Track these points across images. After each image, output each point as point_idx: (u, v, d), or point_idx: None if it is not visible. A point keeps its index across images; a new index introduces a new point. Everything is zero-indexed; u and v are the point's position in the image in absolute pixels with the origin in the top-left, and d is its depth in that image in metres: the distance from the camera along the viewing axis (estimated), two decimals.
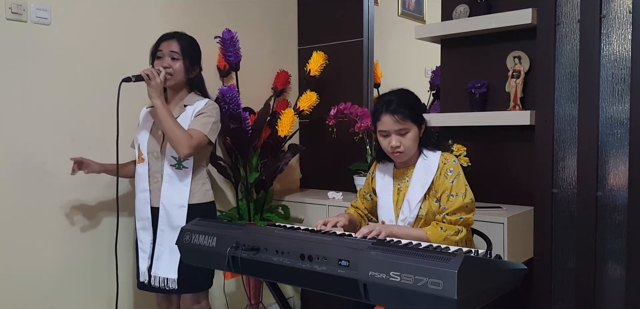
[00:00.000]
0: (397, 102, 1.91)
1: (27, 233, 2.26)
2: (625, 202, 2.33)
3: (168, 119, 2.12)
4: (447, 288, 1.27)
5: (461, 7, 2.68)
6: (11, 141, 2.20)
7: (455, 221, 1.89)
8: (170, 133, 2.12)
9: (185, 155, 2.14)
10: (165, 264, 2.21)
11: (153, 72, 2.12)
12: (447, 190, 1.91)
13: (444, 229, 1.88)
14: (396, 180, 2.05)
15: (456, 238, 1.88)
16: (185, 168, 2.22)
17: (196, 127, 2.17)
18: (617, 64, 2.33)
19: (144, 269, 2.27)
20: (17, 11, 2.17)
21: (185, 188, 2.22)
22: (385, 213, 2.04)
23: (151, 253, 2.26)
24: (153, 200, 2.25)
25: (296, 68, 3.42)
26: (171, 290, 2.23)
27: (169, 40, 2.22)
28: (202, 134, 2.18)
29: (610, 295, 2.40)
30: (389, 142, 1.94)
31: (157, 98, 2.12)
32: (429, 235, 1.87)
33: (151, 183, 2.25)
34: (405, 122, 1.91)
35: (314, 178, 3.44)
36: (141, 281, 2.29)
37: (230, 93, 2.53)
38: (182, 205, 2.21)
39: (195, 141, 2.15)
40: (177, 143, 2.11)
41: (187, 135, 2.13)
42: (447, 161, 1.95)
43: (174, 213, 2.20)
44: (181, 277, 2.21)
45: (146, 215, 2.25)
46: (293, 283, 2.47)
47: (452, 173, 1.92)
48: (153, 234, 2.25)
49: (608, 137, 2.37)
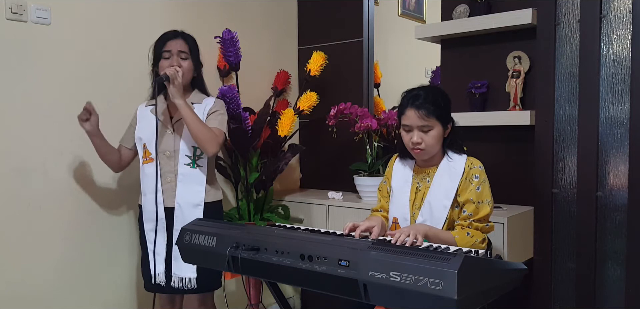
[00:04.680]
0: (423, 97, 1.88)
1: (27, 233, 2.26)
2: (625, 202, 2.33)
3: (194, 119, 2.12)
4: (447, 288, 1.27)
5: (461, 7, 2.68)
6: (11, 141, 2.20)
7: (482, 228, 1.88)
8: (199, 132, 2.12)
9: (213, 153, 2.17)
10: (185, 264, 2.17)
11: (175, 72, 2.12)
12: (473, 196, 1.88)
13: (471, 235, 1.86)
14: (416, 177, 2.01)
15: (483, 245, 1.87)
16: (200, 166, 2.23)
17: (216, 125, 2.20)
18: (617, 64, 2.33)
19: (159, 271, 2.23)
20: (17, 11, 2.17)
21: (200, 187, 2.23)
22: (399, 210, 2.00)
23: (166, 254, 2.23)
24: (166, 200, 2.23)
25: (296, 68, 3.42)
26: (191, 290, 2.22)
27: (175, 39, 2.22)
28: (223, 132, 2.22)
29: (610, 295, 2.40)
30: (410, 137, 1.91)
31: (180, 98, 2.12)
32: (457, 239, 1.84)
33: (164, 183, 2.23)
34: (429, 118, 1.87)
35: (314, 178, 3.44)
36: (156, 283, 2.25)
37: (230, 93, 2.53)
38: (198, 203, 2.22)
39: (221, 139, 2.20)
40: (207, 142, 2.13)
41: (213, 134, 2.16)
42: (473, 166, 1.92)
43: (190, 213, 2.19)
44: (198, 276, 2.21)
45: (160, 216, 2.21)
46: (293, 283, 2.47)
47: (478, 179, 1.90)
48: (167, 235, 2.23)
49: (608, 137, 2.37)
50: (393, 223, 2.03)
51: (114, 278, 2.55)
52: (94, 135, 2.21)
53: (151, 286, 2.28)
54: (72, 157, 2.38)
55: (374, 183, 2.70)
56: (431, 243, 1.70)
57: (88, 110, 2.17)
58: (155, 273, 2.24)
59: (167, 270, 2.24)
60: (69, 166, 2.37)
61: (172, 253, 2.22)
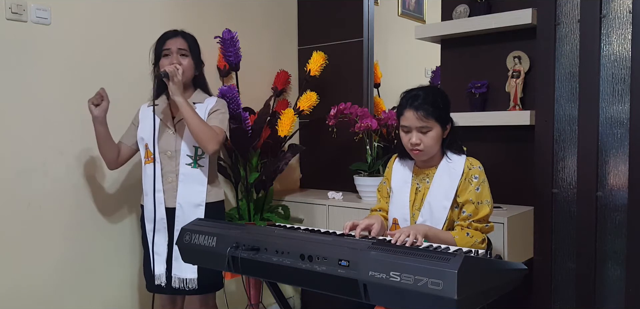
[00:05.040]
0: (422, 98, 1.87)
1: (27, 233, 2.26)
2: (625, 202, 2.33)
3: (194, 117, 2.11)
4: (447, 288, 1.27)
5: (461, 7, 2.68)
6: (11, 141, 2.20)
7: (482, 228, 1.88)
8: (199, 131, 2.11)
9: (213, 151, 2.15)
10: (185, 265, 2.17)
11: (174, 70, 2.11)
12: (472, 197, 1.88)
13: (471, 235, 1.86)
14: (415, 178, 2.01)
15: (483, 245, 1.87)
16: (201, 166, 2.22)
17: (217, 124, 2.19)
18: (617, 64, 2.33)
19: (160, 272, 2.23)
20: (17, 11, 2.17)
21: (201, 187, 2.22)
22: (399, 210, 2.00)
23: (167, 255, 2.23)
24: (167, 201, 2.22)
25: (296, 68, 3.42)
26: (192, 290, 2.22)
27: (174, 38, 2.22)
28: (223, 131, 2.20)
29: (610, 295, 2.40)
30: (409, 138, 1.91)
31: (180, 96, 2.11)
32: (457, 240, 1.84)
33: (165, 184, 2.23)
34: (428, 119, 1.86)
35: (314, 178, 3.44)
36: (157, 284, 2.25)
37: (230, 93, 2.53)
38: (200, 204, 2.21)
39: (221, 137, 2.17)
40: (207, 140, 2.11)
41: (213, 132, 2.14)
42: (472, 166, 1.92)
43: (192, 213, 2.19)
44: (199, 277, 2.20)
45: (160, 216, 2.21)
46: (293, 283, 2.47)
47: (477, 180, 1.90)
48: (168, 235, 2.23)
49: (608, 137, 2.37)
50: (393, 223, 2.03)
51: (114, 278, 2.55)
52: (100, 122, 2.19)
53: (153, 287, 2.27)
54: (72, 157, 2.38)
55: (374, 183, 2.70)
56: (431, 243, 1.70)
57: (101, 95, 2.17)
58: (155, 273, 2.24)
59: (168, 271, 2.24)
60: (69, 166, 2.37)
61: (173, 253, 2.21)
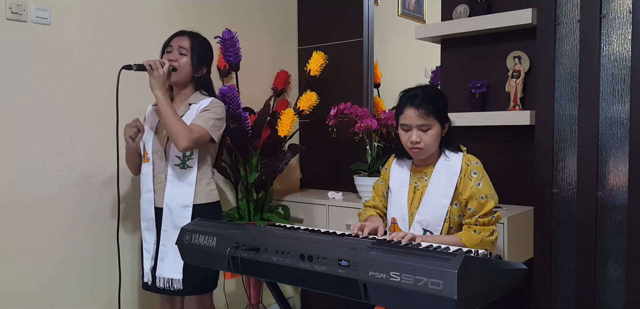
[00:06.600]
0: (422, 97, 1.89)
1: (27, 233, 2.26)
2: (625, 202, 2.33)
3: (168, 111, 2.08)
4: (447, 288, 1.27)
5: (461, 7, 2.68)
6: (11, 141, 2.20)
7: (488, 222, 1.88)
8: (170, 125, 2.07)
9: (183, 148, 2.09)
10: (170, 265, 2.19)
11: (156, 63, 2.09)
12: (475, 193, 1.88)
13: (479, 232, 1.86)
14: (413, 177, 2.02)
15: (492, 238, 1.87)
16: (190, 167, 2.21)
17: (198, 122, 2.14)
18: (617, 64, 2.33)
19: (147, 270, 2.25)
20: (17, 11, 2.17)
21: (189, 188, 2.20)
22: (398, 210, 2.00)
23: (155, 253, 2.24)
24: (157, 201, 2.23)
25: (296, 68, 3.42)
26: (176, 291, 2.21)
27: (180, 36, 2.22)
28: (203, 129, 2.14)
29: (610, 295, 2.40)
30: (409, 136, 1.92)
31: (158, 90, 2.08)
32: (464, 240, 1.85)
33: (155, 184, 2.23)
34: (428, 117, 1.88)
35: (314, 178, 3.44)
36: (144, 282, 2.27)
37: (230, 93, 2.52)
38: (187, 205, 2.19)
39: (195, 135, 2.10)
40: (176, 135, 2.07)
41: (186, 129, 2.09)
42: (470, 163, 1.93)
43: (178, 214, 2.18)
44: (186, 278, 2.19)
45: (150, 216, 2.23)
46: (293, 283, 2.47)
47: (477, 175, 1.90)
48: (157, 235, 2.24)
49: (608, 137, 2.37)
50: (392, 223, 2.03)
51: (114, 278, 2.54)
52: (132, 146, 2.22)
53: (143, 285, 2.30)
54: (72, 157, 2.38)
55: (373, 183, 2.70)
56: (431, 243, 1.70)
57: (137, 127, 2.18)
58: (144, 271, 2.26)
59: (155, 270, 2.25)
60: (69, 166, 2.37)
61: (159, 254, 2.22)
